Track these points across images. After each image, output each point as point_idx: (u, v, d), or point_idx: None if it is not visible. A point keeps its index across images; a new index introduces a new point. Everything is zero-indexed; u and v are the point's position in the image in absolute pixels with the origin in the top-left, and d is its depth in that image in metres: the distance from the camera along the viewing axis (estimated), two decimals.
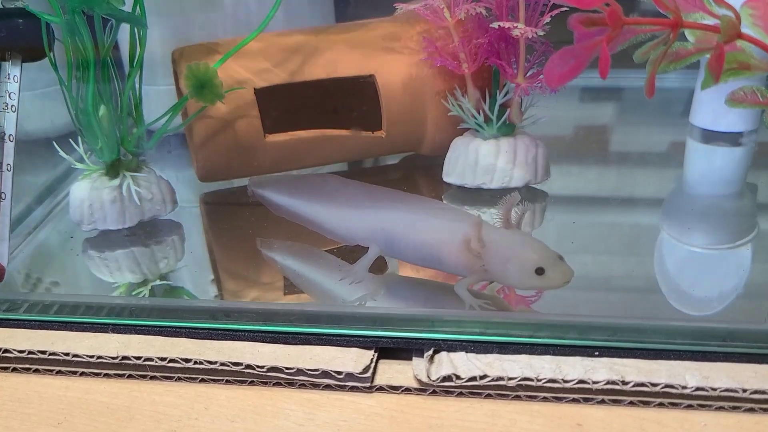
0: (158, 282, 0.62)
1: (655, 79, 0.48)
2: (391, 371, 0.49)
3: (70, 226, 0.68)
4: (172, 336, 0.52)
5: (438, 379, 0.47)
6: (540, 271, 0.49)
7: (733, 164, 0.78)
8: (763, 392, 0.44)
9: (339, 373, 0.48)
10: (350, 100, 0.73)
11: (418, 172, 0.78)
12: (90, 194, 0.64)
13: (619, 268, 0.63)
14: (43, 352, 0.51)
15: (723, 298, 0.58)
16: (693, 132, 0.79)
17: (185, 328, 0.52)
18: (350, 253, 0.61)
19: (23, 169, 0.66)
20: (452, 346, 0.49)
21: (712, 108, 0.77)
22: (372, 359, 0.49)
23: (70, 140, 0.67)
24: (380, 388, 0.48)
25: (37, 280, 0.64)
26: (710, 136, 0.78)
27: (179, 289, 0.63)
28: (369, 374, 0.48)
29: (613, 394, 0.45)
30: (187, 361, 0.49)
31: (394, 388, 0.48)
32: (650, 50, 0.50)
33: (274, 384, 0.49)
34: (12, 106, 0.58)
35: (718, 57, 0.46)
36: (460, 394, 0.47)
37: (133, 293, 0.60)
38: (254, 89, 0.68)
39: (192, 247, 0.68)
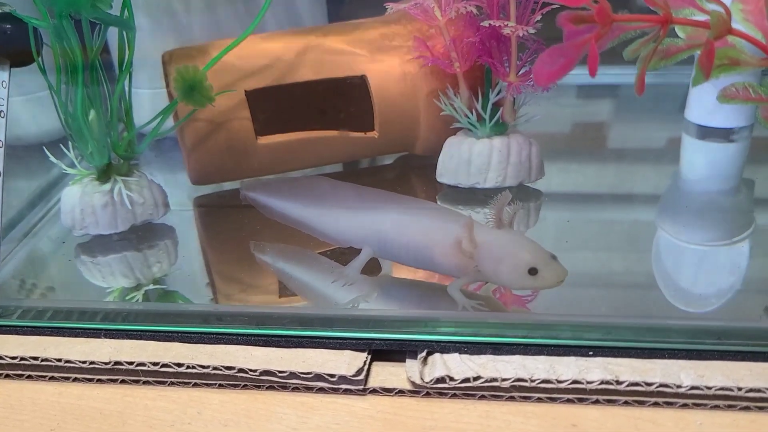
0: (151, 286, 0.62)
1: (645, 76, 0.47)
2: (385, 373, 0.49)
3: (62, 231, 0.67)
4: (164, 341, 0.52)
5: (431, 380, 0.46)
6: (533, 271, 0.49)
7: (729, 160, 0.77)
8: (758, 390, 0.44)
9: (332, 375, 0.47)
10: (342, 101, 0.73)
11: (411, 172, 0.77)
12: (81, 199, 0.64)
13: (614, 265, 0.63)
14: (36, 358, 0.50)
15: (719, 294, 0.58)
16: (688, 128, 0.79)
17: (178, 332, 0.52)
18: (343, 255, 0.60)
19: (15, 174, 0.66)
20: (446, 348, 0.49)
21: (707, 104, 0.77)
22: (365, 361, 0.49)
23: (61, 145, 0.66)
24: (373, 391, 0.48)
25: (29, 286, 0.64)
26: (706, 132, 0.78)
27: (172, 293, 0.62)
28: (362, 377, 0.48)
29: (608, 394, 0.45)
30: (179, 365, 0.49)
31: (387, 391, 0.48)
32: (640, 47, 0.50)
33: (267, 387, 0.49)
34: (1, 111, 0.57)
35: (708, 53, 0.46)
36: (454, 396, 0.47)
37: (126, 298, 0.60)
38: (245, 91, 0.68)
39: (185, 250, 0.68)
